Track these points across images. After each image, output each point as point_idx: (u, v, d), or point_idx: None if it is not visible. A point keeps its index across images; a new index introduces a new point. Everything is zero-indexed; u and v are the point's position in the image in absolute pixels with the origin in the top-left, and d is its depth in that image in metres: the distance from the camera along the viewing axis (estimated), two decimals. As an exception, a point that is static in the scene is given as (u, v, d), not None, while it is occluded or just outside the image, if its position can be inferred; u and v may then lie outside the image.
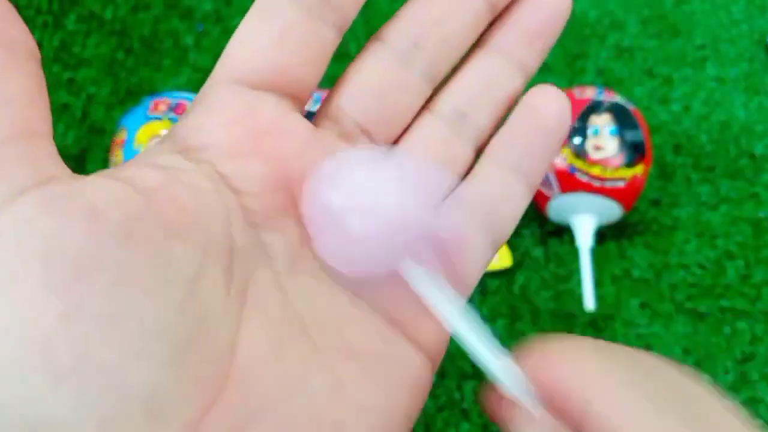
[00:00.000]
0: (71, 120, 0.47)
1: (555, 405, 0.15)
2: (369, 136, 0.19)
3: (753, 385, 0.41)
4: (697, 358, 0.42)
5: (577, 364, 0.15)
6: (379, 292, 0.17)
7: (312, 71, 0.18)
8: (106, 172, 0.15)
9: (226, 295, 0.15)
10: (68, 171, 0.15)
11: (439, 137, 0.19)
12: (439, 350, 0.18)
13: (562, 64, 0.52)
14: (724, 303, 0.44)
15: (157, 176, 0.15)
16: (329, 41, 0.18)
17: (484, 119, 0.20)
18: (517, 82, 0.20)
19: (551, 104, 0.19)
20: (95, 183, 0.14)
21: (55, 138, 0.15)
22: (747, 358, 0.42)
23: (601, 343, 0.15)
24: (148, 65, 0.50)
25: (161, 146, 0.17)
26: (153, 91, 0.48)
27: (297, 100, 0.18)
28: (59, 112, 0.47)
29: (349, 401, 0.16)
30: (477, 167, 0.20)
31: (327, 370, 0.16)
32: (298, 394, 0.15)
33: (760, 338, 0.43)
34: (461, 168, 0.20)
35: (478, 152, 0.20)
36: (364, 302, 0.17)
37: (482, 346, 0.16)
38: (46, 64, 0.49)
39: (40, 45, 0.49)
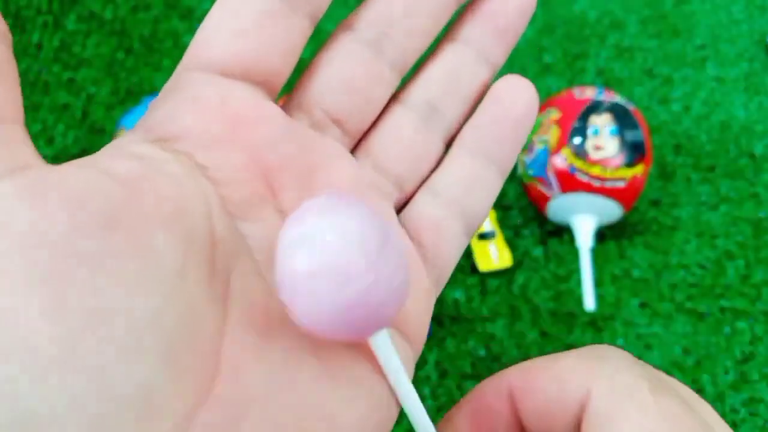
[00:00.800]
0: (71, 120, 0.47)
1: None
2: (340, 126, 0.19)
3: (753, 385, 0.41)
4: (697, 358, 0.42)
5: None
6: None
7: (285, 61, 0.17)
8: (81, 161, 0.14)
9: (210, 286, 0.14)
10: (41, 159, 0.14)
11: (410, 129, 0.19)
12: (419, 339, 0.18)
13: (562, 64, 0.52)
14: (724, 303, 0.44)
15: (135, 166, 0.15)
16: (302, 31, 0.18)
17: (453, 111, 0.20)
18: (485, 75, 0.20)
19: (519, 94, 0.20)
20: (73, 172, 0.14)
21: (55, 138, 0.15)
22: (747, 358, 0.42)
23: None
24: (148, 65, 0.50)
25: (135, 135, 0.16)
26: (153, 91, 0.48)
27: (269, 89, 0.18)
28: (59, 112, 0.47)
29: (338, 391, 0.15)
30: (448, 157, 0.20)
31: (314, 360, 0.15)
32: (288, 385, 0.15)
33: (760, 338, 0.43)
34: (433, 159, 0.20)
35: (448, 143, 0.20)
36: None
37: (421, 417, 0.17)
38: (46, 64, 0.49)
39: (40, 45, 0.49)
